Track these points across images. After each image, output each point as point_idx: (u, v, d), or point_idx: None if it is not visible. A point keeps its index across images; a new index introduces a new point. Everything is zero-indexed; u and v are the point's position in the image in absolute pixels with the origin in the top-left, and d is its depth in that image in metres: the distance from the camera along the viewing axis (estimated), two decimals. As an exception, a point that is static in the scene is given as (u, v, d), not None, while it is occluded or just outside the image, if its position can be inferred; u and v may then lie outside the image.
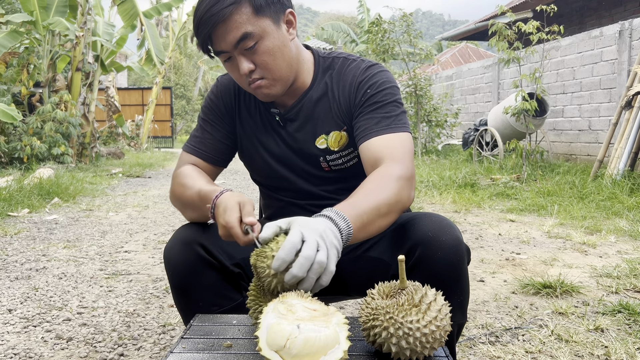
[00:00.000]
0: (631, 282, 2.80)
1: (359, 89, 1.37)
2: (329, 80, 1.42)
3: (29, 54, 10.01)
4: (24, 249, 3.79)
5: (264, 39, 1.25)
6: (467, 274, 1.24)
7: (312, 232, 0.96)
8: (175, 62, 32.83)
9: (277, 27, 1.27)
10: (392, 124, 1.31)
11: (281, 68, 1.30)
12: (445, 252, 1.17)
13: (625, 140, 5.96)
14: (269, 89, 1.32)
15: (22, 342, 2.12)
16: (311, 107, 1.42)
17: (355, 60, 1.43)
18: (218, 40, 1.25)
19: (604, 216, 4.66)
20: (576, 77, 8.22)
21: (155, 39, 13.61)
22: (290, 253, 0.93)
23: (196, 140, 1.47)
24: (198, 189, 1.29)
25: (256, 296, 1.03)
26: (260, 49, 1.25)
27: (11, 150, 8.83)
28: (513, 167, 7.55)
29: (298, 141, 1.43)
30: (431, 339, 0.88)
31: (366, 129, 1.32)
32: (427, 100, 11.28)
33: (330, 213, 1.05)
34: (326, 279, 0.96)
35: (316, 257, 0.93)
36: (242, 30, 1.22)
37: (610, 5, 11.13)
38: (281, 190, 1.52)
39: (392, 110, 1.34)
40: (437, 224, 1.21)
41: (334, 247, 0.98)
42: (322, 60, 1.45)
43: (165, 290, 2.84)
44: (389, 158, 1.25)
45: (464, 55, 24.38)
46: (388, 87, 1.37)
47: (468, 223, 4.66)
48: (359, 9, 20.00)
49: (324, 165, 1.44)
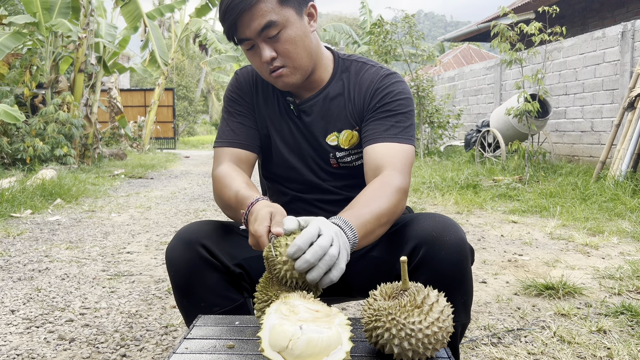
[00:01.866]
0: (634, 284, 2.80)
1: (375, 94, 1.41)
2: (346, 80, 1.46)
3: (32, 56, 10.05)
4: (26, 250, 3.80)
5: (287, 27, 1.29)
6: (471, 274, 1.25)
7: (329, 229, 1.00)
8: (177, 63, 32.89)
9: (300, 18, 1.32)
10: (400, 134, 1.36)
11: (302, 57, 1.34)
12: (449, 251, 1.18)
13: (628, 142, 5.95)
14: (288, 77, 1.35)
15: (25, 343, 2.13)
16: (326, 104, 1.45)
17: (375, 66, 1.47)
18: (243, 28, 1.28)
19: (606, 217, 4.65)
20: (578, 79, 8.21)
21: (159, 40, 13.65)
22: (307, 241, 0.96)
23: (227, 133, 1.48)
24: (236, 191, 1.31)
25: (264, 286, 1.04)
26: (282, 38, 1.29)
27: (14, 151, 8.85)
28: (515, 169, 7.54)
29: (311, 133, 1.47)
30: (433, 340, 0.88)
31: (373, 133, 1.37)
32: (429, 101, 11.28)
33: (338, 221, 1.08)
34: (336, 274, 0.98)
35: (329, 249, 0.97)
36: (267, 19, 1.26)
37: (612, 6, 11.12)
38: (289, 182, 1.53)
39: (402, 120, 1.38)
40: (441, 224, 1.22)
41: (345, 248, 1.01)
42: (341, 61, 1.49)
43: (168, 291, 2.84)
44: (391, 167, 1.29)
45: (466, 57, 24.37)
46: (403, 98, 1.40)
47: (470, 224, 4.66)
48: (361, 10, 20.00)
49: (332, 161, 1.47)
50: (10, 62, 9.79)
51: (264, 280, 1.06)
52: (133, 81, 36.87)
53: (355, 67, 1.47)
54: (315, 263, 0.95)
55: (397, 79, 1.43)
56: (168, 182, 9.04)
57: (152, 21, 13.68)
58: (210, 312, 1.28)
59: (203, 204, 6.22)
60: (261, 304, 1.03)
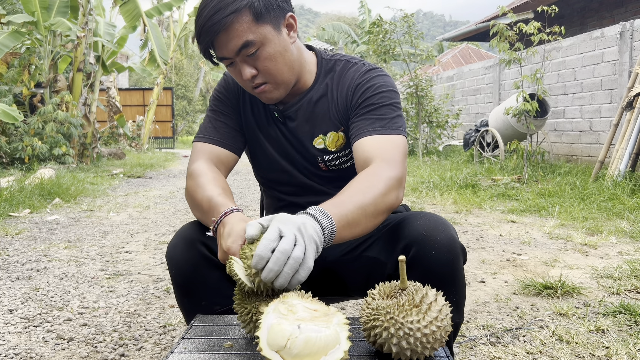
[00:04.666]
0: (632, 283, 2.80)
1: (356, 91, 1.38)
2: (330, 81, 1.44)
3: (30, 55, 10.03)
4: (25, 249, 3.79)
5: (265, 45, 1.26)
6: (463, 273, 1.24)
7: (289, 228, 0.95)
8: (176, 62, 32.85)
9: (278, 33, 1.28)
10: (386, 126, 1.32)
11: (283, 72, 1.31)
12: (440, 251, 1.17)
13: (627, 141, 5.95)
14: (271, 93, 1.34)
15: (23, 342, 2.12)
16: (310, 108, 1.43)
17: (357, 64, 1.44)
18: (220, 48, 1.26)
19: (605, 217, 4.65)
20: (577, 78, 8.22)
21: (159, 39, 13.64)
22: (266, 249, 0.92)
23: (209, 130, 1.47)
24: (210, 196, 1.28)
25: (241, 299, 1.02)
26: (261, 55, 1.27)
27: (12, 150, 8.84)
28: (514, 168, 7.55)
29: (297, 139, 1.45)
30: (432, 339, 0.88)
31: (359, 129, 1.33)
32: (428, 101, 11.28)
33: (313, 211, 1.05)
34: (304, 274, 0.94)
35: (293, 252, 0.92)
36: (243, 39, 1.23)
37: (611, 6, 11.13)
38: (282, 185, 1.53)
39: (387, 112, 1.34)
40: (431, 223, 1.21)
41: (312, 242, 0.96)
42: (324, 62, 1.46)
43: (166, 291, 2.84)
44: (379, 158, 1.25)
45: (465, 56, 24.37)
46: (385, 91, 1.37)
47: (469, 224, 4.66)
48: (360, 10, 20.01)
49: (321, 165, 1.46)
50: (8, 61, 9.77)
51: (238, 293, 1.03)
52: (132, 80, 36.83)
53: (338, 66, 1.45)
54: (280, 270, 0.92)
55: (379, 73, 1.40)
56: (167, 182, 9.03)
57: (151, 20, 13.66)
58: (211, 310, 1.27)
59: (202, 204, 6.22)
60: (242, 316, 1.00)
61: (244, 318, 1.00)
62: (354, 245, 1.41)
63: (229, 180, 9.10)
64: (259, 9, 1.23)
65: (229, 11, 1.21)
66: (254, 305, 0.98)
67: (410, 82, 11.27)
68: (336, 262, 1.43)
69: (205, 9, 1.24)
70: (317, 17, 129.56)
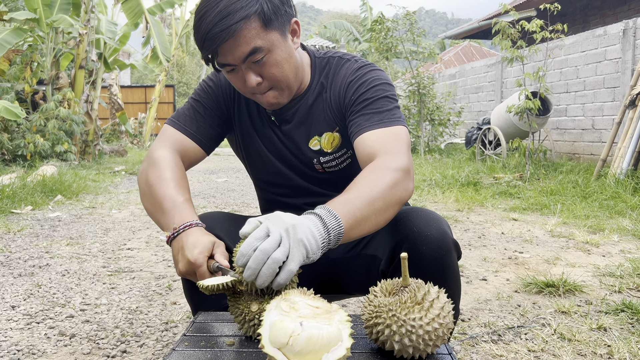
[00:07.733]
0: (634, 281, 2.80)
1: (349, 88, 1.36)
2: (325, 81, 1.41)
3: (32, 52, 10.04)
4: (27, 246, 3.80)
5: (272, 52, 1.23)
6: (456, 268, 1.22)
7: (277, 228, 0.93)
8: (178, 60, 32.86)
9: (284, 39, 1.26)
10: (385, 119, 1.29)
11: (289, 79, 1.29)
12: (430, 246, 1.16)
13: (629, 140, 5.94)
14: (276, 98, 1.32)
15: (25, 339, 2.13)
16: (306, 110, 1.41)
17: (349, 60, 1.41)
18: (225, 55, 1.21)
19: (607, 215, 4.64)
20: (580, 76, 8.20)
21: (161, 36, 13.64)
22: (249, 247, 0.91)
23: (186, 119, 1.42)
24: (173, 195, 1.24)
25: (234, 301, 1.02)
26: (268, 62, 1.24)
27: (14, 147, 8.85)
28: (516, 166, 7.54)
29: (292, 141, 1.43)
30: (434, 336, 0.88)
31: (359, 126, 1.30)
32: (430, 98, 11.26)
33: (321, 211, 1.01)
34: (284, 276, 0.91)
35: (274, 252, 0.90)
36: (252, 45, 1.19)
37: (614, 4, 11.09)
38: (278, 187, 1.51)
39: (383, 105, 1.31)
40: (423, 219, 1.20)
41: (300, 246, 0.92)
42: (318, 61, 1.44)
43: (168, 288, 2.84)
44: (383, 151, 1.21)
45: (467, 54, 24.34)
46: (378, 84, 1.34)
47: (471, 222, 4.66)
48: (362, 7, 19.95)
49: (317, 167, 1.44)
50: (10, 58, 9.78)
51: (229, 296, 1.03)
52: (133, 78, 36.83)
53: (331, 64, 1.42)
54: (258, 269, 0.90)
55: (371, 68, 1.38)
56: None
57: (153, 17, 13.66)
58: (218, 304, 1.26)
59: (203, 201, 6.22)
60: (237, 318, 1.00)
61: (239, 319, 1.00)
62: (354, 243, 1.40)
63: (232, 177, 9.11)
64: (268, 15, 1.20)
65: (238, 17, 1.16)
66: (245, 305, 0.99)
67: (412, 80, 11.25)
68: (339, 259, 1.43)
69: (208, 14, 1.18)
70: (319, 14, 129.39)
